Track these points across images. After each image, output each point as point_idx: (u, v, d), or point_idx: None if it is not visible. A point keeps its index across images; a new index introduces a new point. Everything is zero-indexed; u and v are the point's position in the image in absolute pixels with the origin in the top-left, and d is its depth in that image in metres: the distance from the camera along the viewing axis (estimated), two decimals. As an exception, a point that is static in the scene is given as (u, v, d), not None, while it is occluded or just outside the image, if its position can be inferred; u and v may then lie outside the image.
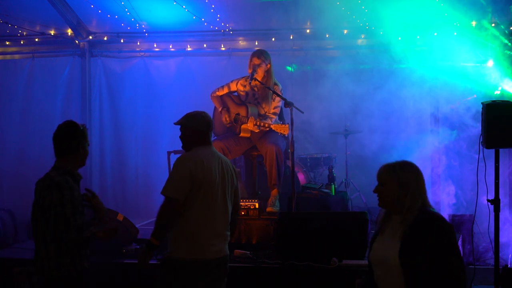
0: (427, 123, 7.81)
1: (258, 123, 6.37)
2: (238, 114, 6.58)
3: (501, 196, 5.29)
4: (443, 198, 7.47)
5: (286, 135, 6.39)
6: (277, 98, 6.53)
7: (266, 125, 6.35)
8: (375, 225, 3.49)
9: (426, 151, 7.62)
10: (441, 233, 3.22)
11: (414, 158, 7.37)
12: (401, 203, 3.32)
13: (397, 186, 3.34)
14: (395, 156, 7.43)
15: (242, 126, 6.51)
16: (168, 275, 4.16)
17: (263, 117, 6.56)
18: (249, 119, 6.41)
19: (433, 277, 3.18)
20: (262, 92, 6.58)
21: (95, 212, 4.07)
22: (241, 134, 6.56)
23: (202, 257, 4.15)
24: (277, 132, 6.39)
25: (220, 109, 6.73)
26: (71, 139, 4.02)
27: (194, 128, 4.32)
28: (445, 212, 7.31)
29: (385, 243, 3.35)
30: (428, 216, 3.28)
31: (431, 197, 7.38)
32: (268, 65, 6.54)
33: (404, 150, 7.48)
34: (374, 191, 3.43)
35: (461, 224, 6.90)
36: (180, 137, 4.42)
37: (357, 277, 5.05)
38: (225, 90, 6.79)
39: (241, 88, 6.72)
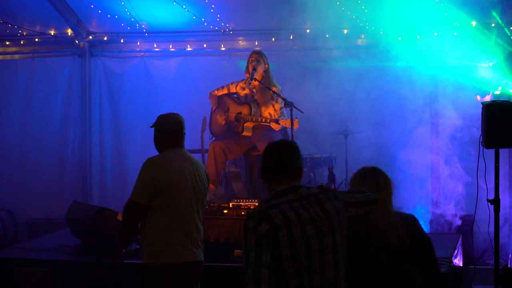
0: (427, 124, 7.80)
1: (262, 120, 6.38)
2: (239, 113, 6.58)
3: (501, 196, 5.30)
4: (443, 199, 7.47)
5: (295, 129, 6.33)
6: (279, 99, 6.53)
7: (268, 121, 6.36)
8: None
9: (426, 151, 7.62)
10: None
11: (414, 157, 7.44)
12: None
13: None
14: (395, 156, 7.51)
15: (245, 124, 6.49)
16: (145, 282, 4.13)
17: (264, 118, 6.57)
18: (253, 117, 6.41)
19: None
20: (261, 94, 6.58)
21: None
22: (244, 133, 6.55)
23: (174, 262, 4.07)
24: (280, 129, 6.39)
25: (213, 108, 6.73)
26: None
27: (163, 130, 4.24)
28: (450, 213, 7.30)
29: None
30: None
31: (431, 197, 7.48)
32: (266, 66, 6.55)
33: (404, 149, 7.48)
34: None
35: (465, 224, 6.90)
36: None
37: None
38: (225, 91, 6.80)
39: (240, 91, 6.73)
